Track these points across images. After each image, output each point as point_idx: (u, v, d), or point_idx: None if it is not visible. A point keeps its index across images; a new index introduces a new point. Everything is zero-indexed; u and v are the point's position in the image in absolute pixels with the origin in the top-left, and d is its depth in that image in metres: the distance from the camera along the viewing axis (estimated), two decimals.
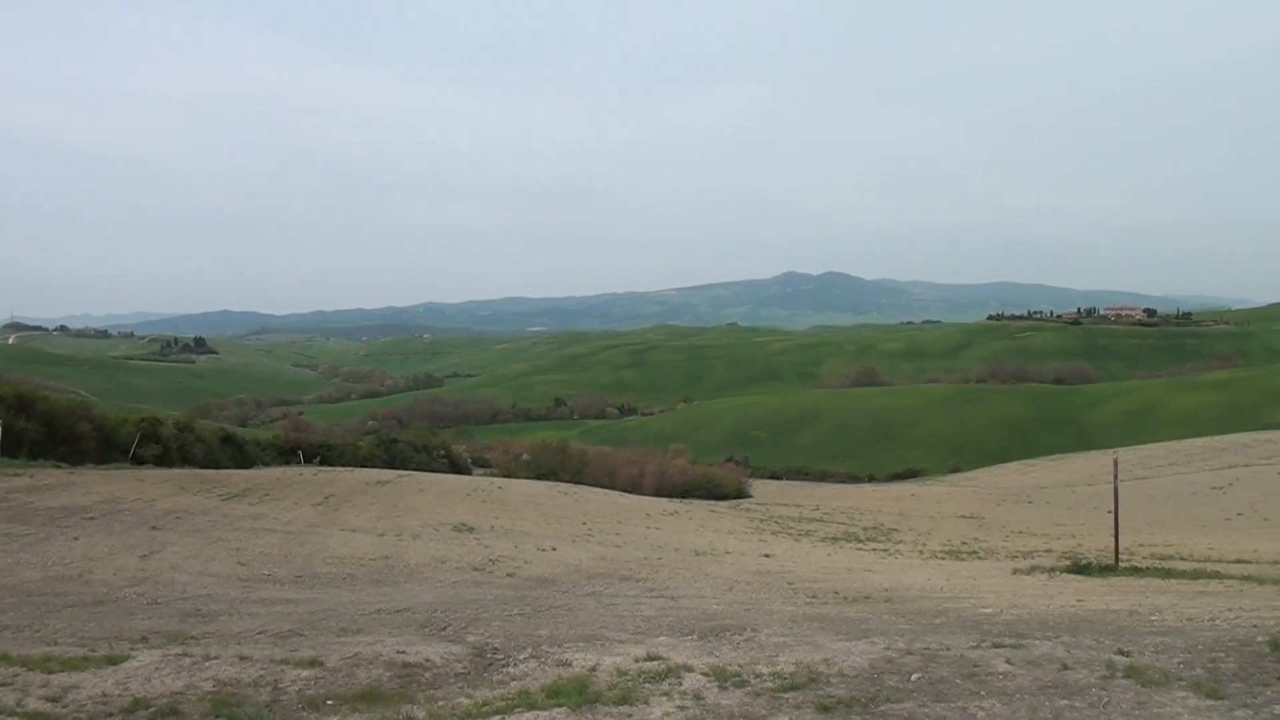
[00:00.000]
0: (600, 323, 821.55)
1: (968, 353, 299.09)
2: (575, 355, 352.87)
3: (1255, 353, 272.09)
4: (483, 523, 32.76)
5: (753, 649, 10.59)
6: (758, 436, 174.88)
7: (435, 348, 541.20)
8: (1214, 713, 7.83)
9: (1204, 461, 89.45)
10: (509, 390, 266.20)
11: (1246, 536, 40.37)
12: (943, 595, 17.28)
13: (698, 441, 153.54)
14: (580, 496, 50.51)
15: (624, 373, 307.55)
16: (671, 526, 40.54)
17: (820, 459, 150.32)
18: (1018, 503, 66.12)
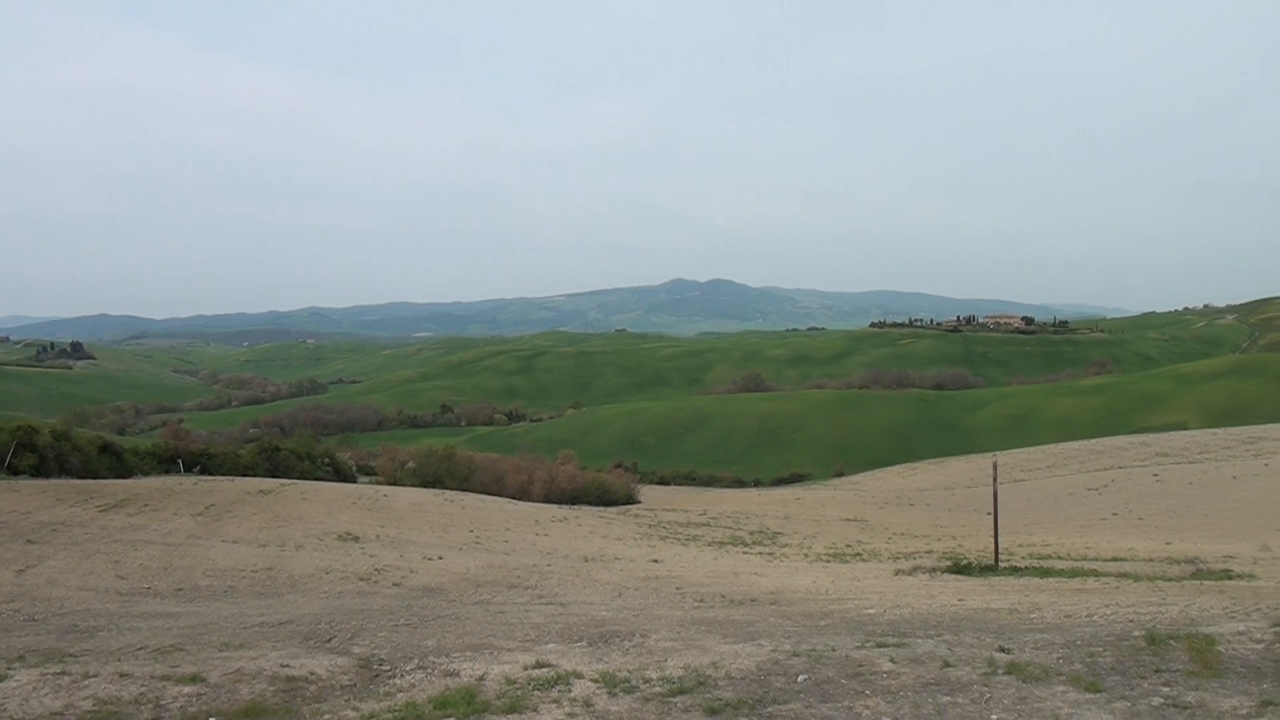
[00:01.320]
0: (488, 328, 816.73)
1: (851, 359, 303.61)
2: (463, 361, 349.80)
3: (1129, 359, 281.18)
4: (368, 532, 32.40)
5: (642, 654, 10.65)
6: (646, 442, 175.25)
7: (319, 353, 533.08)
8: (1092, 705, 8.09)
9: (1080, 464, 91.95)
10: (395, 397, 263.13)
11: (1122, 536, 41.62)
12: (828, 597, 17.53)
13: (587, 447, 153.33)
14: (468, 504, 50.16)
15: (512, 379, 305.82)
16: (560, 533, 40.48)
17: (708, 464, 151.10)
18: (900, 505, 67.24)
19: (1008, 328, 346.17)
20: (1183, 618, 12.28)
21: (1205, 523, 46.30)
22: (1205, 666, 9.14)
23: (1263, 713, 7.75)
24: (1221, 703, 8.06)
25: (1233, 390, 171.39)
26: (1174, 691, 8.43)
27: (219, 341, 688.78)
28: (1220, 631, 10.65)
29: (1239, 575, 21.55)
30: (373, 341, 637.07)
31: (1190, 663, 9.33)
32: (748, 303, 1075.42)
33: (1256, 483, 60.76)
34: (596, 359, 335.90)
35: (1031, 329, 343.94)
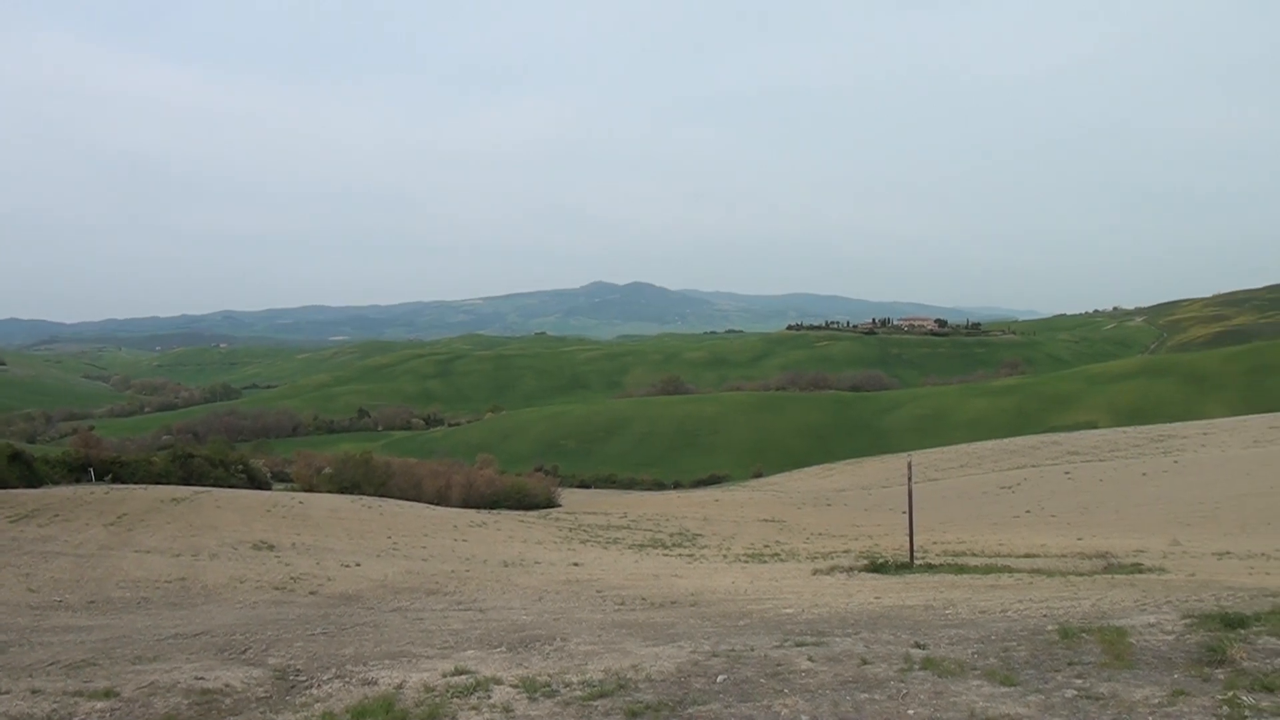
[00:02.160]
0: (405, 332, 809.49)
1: (768, 361, 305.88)
2: (379, 365, 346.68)
3: (1041, 360, 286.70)
4: (284, 540, 31.96)
5: (562, 658, 10.61)
6: (566, 445, 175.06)
7: (233, 358, 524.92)
8: (1007, 699, 8.19)
9: (994, 463, 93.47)
10: (310, 402, 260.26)
11: (1035, 532, 42.38)
12: (747, 597, 17.61)
13: (506, 451, 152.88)
14: (385, 510, 49.70)
15: (430, 383, 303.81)
16: (479, 538, 40.27)
17: (627, 467, 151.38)
18: (817, 506, 67.88)
19: (922, 330, 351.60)
20: (1095, 611, 12.50)
21: (1116, 519, 47.30)
22: (1117, 658, 9.30)
23: (1174, 702, 7.90)
24: (1134, 693, 8.20)
25: (1142, 390, 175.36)
26: (1087, 683, 8.56)
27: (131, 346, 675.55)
28: (1132, 624, 10.84)
29: (1149, 569, 22.02)
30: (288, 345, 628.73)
31: (1103, 655, 9.49)
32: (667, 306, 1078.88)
33: (1165, 479, 62.18)
34: (515, 362, 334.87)
35: (945, 331, 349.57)
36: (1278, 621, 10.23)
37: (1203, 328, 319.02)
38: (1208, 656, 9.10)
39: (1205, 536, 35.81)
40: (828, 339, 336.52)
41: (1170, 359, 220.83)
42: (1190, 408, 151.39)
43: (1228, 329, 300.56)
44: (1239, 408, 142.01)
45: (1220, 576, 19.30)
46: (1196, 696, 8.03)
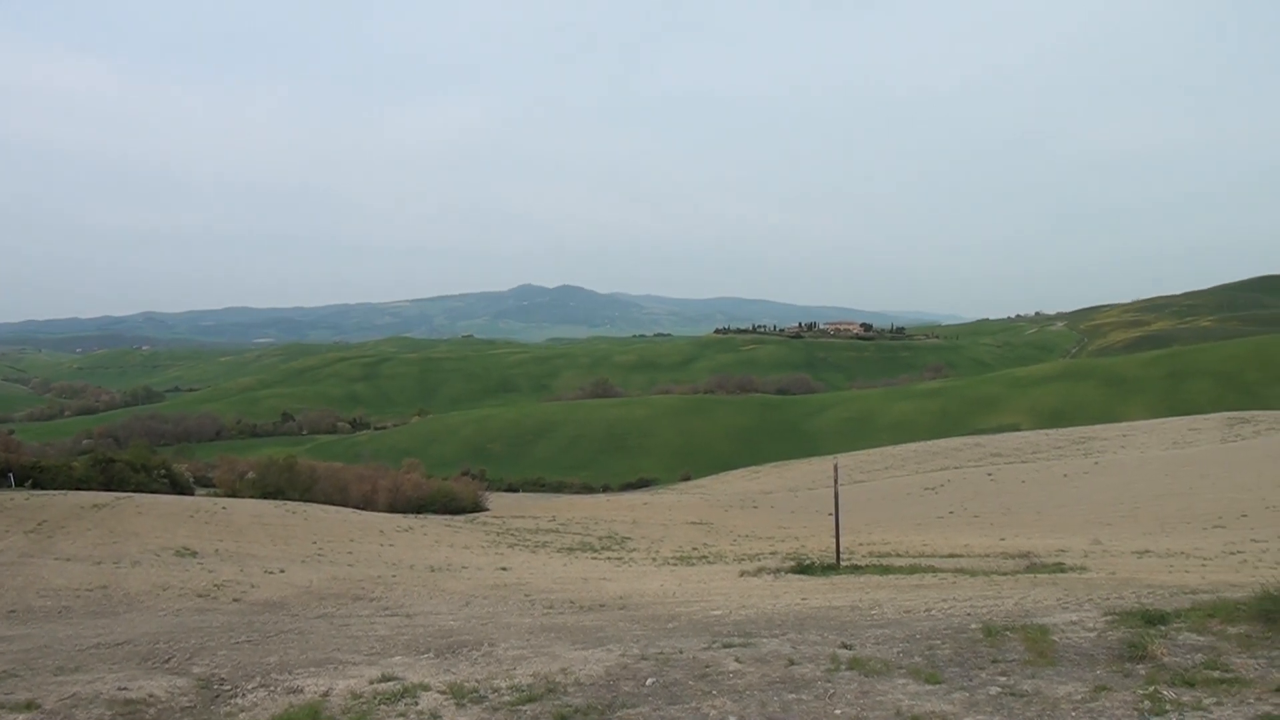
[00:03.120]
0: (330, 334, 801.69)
1: (697, 365, 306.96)
2: (304, 368, 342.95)
3: (964, 364, 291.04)
4: (207, 546, 31.47)
5: (490, 663, 10.53)
6: (494, 449, 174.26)
7: (155, 360, 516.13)
8: (932, 696, 8.28)
9: (918, 465, 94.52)
10: (234, 405, 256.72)
11: (958, 532, 42.88)
12: (675, 600, 17.62)
13: (433, 455, 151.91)
14: (310, 515, 49.07)
15: (356, 386, 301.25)
16: (406, 543, 39.93)
17: (556, 470, 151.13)
18: (745, 508, 68.15)
19: (847, 334, 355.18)
20: (1018, 610, 12.66)
21: (1038, 519, 48.00)
22: (1040, 655, 9.43)
23: (1097, 697, 8.03)
24: (1057, 689, 8.32)
25: (1063, 393, 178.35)
26: (1011, 680, 8.68)
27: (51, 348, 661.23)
28: (1054, 622, 10.99)
29: (1071, 568, 22.35)
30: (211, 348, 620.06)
31: (1026, 652, 9.61)
32: (596, 309, 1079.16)
33: (1086, 480, 63.25)
34: (443, 365, 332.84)
35: (870, 335, 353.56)
36: (1197, 618, 10.43)
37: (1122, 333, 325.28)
38: (1129, 653, 9.26)
39: (1125, 536, 36.46)
40: (755, 343, 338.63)
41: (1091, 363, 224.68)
42: (1110, 410, 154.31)
43: (1147, 334, 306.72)
44: (1158, 410, 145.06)
45: (1140, 575, 19.64)
46: (1118, 692, 8.17)
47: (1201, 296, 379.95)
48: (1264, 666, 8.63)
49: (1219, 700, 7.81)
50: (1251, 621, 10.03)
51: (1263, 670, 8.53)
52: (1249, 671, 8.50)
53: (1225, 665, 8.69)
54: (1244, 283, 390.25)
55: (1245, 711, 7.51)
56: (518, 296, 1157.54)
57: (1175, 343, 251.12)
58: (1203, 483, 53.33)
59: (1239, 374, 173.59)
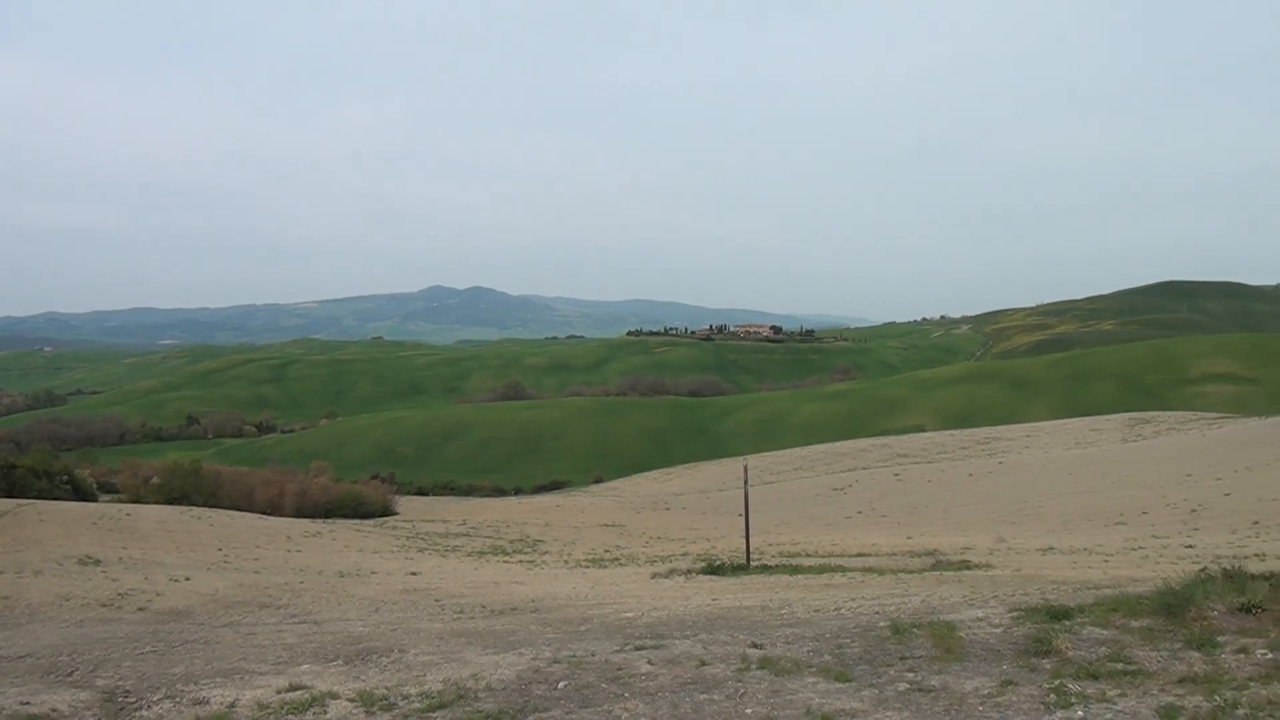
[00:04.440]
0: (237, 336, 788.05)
1: (609, 367, 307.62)
2: (210, 370, 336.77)
3: (871, 366, 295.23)
4: (110, 554, 30.79)
5: (400, 670, 10.42)
6: (404, 452, 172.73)
7: (57, 362, 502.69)
8: (842, 694, 8.35)
9: (826, 465, 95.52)
10: (138, 408, 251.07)
11: (866, 532, 43.42)
12: (587, 603, 17.60)
13: (342, 459, 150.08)
14: (216, 521, 48.26)
15: (263, 388, 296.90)
16: (314, 548, 39.45)
17: (467, 473, 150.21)
18: (656, 510, 68.32)
19: (757, 336, 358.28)
20: (925, 607, 12.83)
21: (944, 518, 48.77)
22: (947, 652, 9.56)
23: (1003, 692, 8.16)
24: (964, 684, 8.43)
25: (967, 395, 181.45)
26: (919, 677, 8.78)
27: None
28: (960, 618, 11.15)
29: (976, 565, 22.72)
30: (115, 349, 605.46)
31: (933, 649, 9.74)
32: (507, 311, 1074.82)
33: (990, 479, 64.41)
34: (351, 367, 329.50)
35: (780, 337, 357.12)
36: (1101, 613, 10.64)
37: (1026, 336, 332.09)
38: (1034, 648, 9.42)
39: (1030, 533, 37.20)
40: (667, 345, 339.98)
41: (995, 365, 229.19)
42: (1014, 411, 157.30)
43: (1049, 337, 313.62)
44: (1060, 411, 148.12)
45: (1044, 571, 20.02)
46: (1024, 686, 8.31)
47: (1103, 301, 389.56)
48: (1166, 658, 8.83)
49: (1123, 692, 7.97)
50: (1154, 615, 10.26)
51: (1165, 662, 8.73)
52: (1152, 663, 8.69)
53: (1128, 658, 8.88)
54: (1145, 288, 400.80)
55: (1149, 702, 7.68)
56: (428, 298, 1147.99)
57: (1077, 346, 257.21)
58: (1104, 481, 54.59)
59: (1139, 376, 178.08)
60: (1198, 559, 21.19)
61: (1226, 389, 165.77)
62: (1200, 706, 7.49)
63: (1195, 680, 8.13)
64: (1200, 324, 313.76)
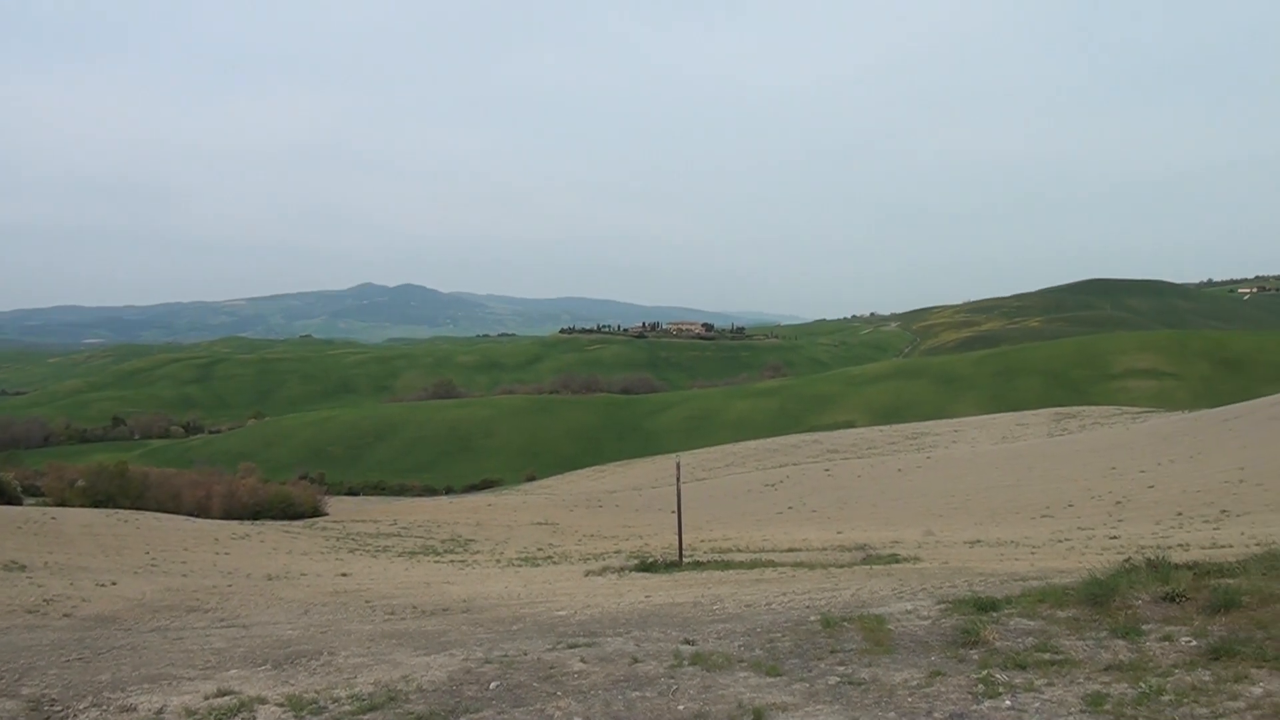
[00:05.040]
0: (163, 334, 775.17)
1: (541, 365, 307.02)
2: (136, 370, 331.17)
3: (801, 363, 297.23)
4: (35, 559, 30.15)
5: (330, 673, 10.31)
6: (333, 452, 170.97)
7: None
8: (773, 688, 8.40)
9: (758, 462, 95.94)
10: (62, 409, 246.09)
11: (797, 527, 43.68)
12: (520, 602, 17.53)
13: (270, 459, 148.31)
14: (143, 524, 47.49)
15: (189, 388, 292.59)
16: (242, 551, 38.97)
17: (397, 473, 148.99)
18: (589, 507, 68.30)
19: (689, 334, 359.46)
20: (855, 600, 12.95)
21: (873, 512, 49.19)
22: (877, 644, 9.65)
23: (932, 683, 8.25)
24: (893, 676, 8.52)
25: (896, 391, 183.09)
26: (849, 669, 8.86)
27: None
28: (890, 611, 11.26)
29: (905, 559, 22.95)
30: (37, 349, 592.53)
31: (863, 642, 9.82)
32: (438, 309, 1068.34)
33: (919, 474, 65.08)
34: (279, 366, 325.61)
35: (711, 335, 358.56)
36: (1028, 604, 10.80)
37: (953, 333, 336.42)
38: (962, 639, 9.53)
39: (957, 526, 37.64)
40: (599, 342, 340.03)
41: (923, 362, 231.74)
42: (942, 407, 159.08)
43: (977, 334, 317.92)
44: (987, 407, 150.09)
45: (972, 563, 20.27)
46: (953, 676, 8.41)
47: (1030, 299, 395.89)
48: (1092, 647, 8.98)
49: (1050, 681, 8.10)
50: (1080, 605, 10.42)
51: (1091, 651, 8.87)
52: (1078, 653, 8.84)
53: (1055, 647, 9.02)
54: (1071, 286, 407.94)
55: (1075, 691, 7.81)
56: (357, 296, 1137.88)
57: (1004, 342, 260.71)
58: (1030, 475, 55.37)
59: (1065, 372, 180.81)
60: (1122, 550, 21.55)
61: (1150, 384, 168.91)
62: (1126, 694, 7.62)
63: (1121, 668, 8.27)
64: (1124, 321, 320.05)
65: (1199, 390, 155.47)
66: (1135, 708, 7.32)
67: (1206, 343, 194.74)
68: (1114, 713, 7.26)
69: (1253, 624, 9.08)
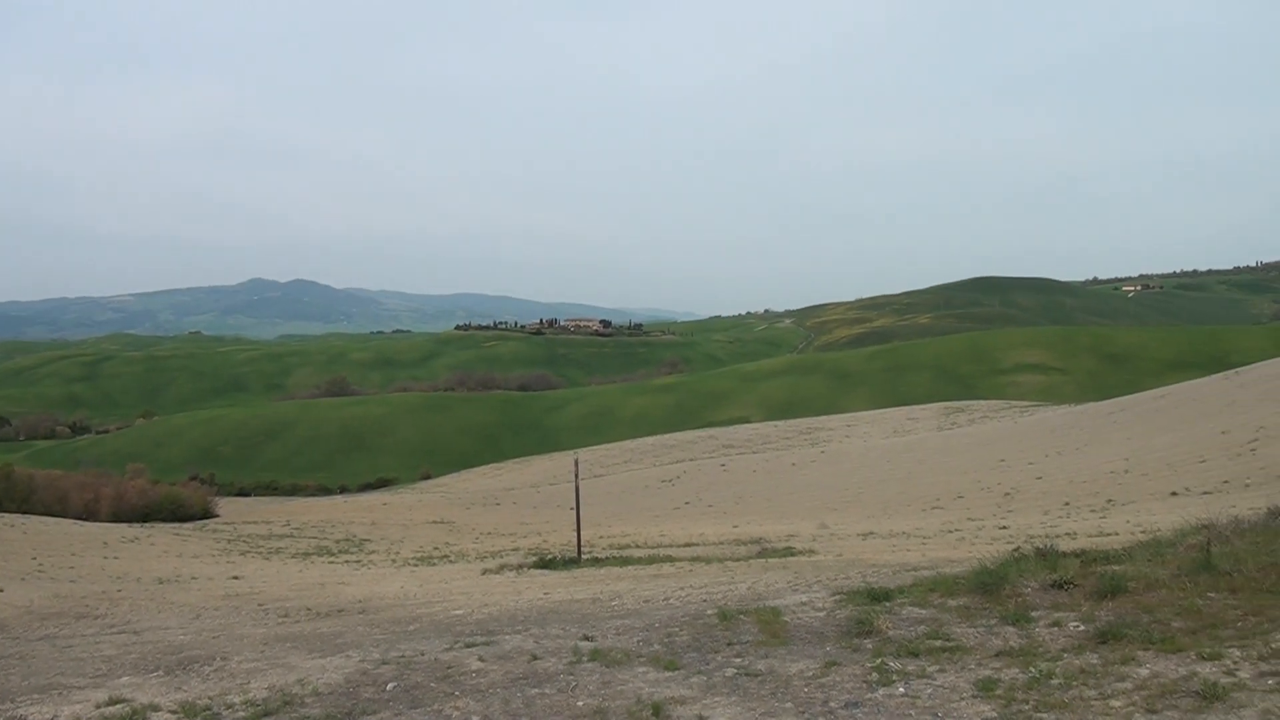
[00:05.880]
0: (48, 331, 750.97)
1: (437, 362, 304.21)
2: (19, 368, 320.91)
3: (698, 360, 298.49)
4: None
5: (223, 678, 10.15)
6: (224, 452, 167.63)
7: None
8: (672, 683, 8.47)
9: (655, 458, 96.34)
10: None
11: (694, 522, 43.99)
12: (416, 601, 17.40)
13: (160, 460, 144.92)
14: (29, 528, 46.12)
15: (76, 386, 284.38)
16: (132, 554, 38.09)
17: (290, 472, 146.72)
18: (487, 505, 67.98)
19: (587, 330, 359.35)
20: (751, 594, 13.09)
21: (769, 506, 49.72)
22: (773, 636, 9.78)
23: (827, 673, 8.39)
24: (790, 667, 8.64)
25: (791, 386, 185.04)
26: (746, 661, 8.97)
27: None
28: (785, 603, 11.42)
29: (800, 551, 23.26)
30: None
31: (760, 634, 9.95)
32: (331, 305, 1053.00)
33: (813, 468, 65.92)
34: (169, 364, 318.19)
35: (609, 332, 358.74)
36: (919, 593, 11.03)
37: (846, 329, 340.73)
38: (856, 629, 9.70)
39: (851, 519, 38.20)
40: (496, 339, 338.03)
41: (817, 358, 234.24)
42: (835, 402, 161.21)
43: (869, 330, 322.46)
44: (879, 401, 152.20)
45: (865, 555, 20.61)
46: (847, 666, 8.56)
47: (920, 296, 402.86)
48: (983, 634, 9.21)
49: (942, 668, 8.29)
50: (970, 594, 10.67)
51: (981, 637, 9.10)
52: (969, 639, 9.05)
53: (947, 635, 9.22)
54: (960, 283, 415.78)
55: (966, 676, 8.00)
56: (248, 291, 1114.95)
57: (896, 339, 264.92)
58: (921, 468, 56.43)
59: (954, 367, 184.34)
60: (1012, 539, 22.05)
61: (1037, 379, 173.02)
62: (1016, 678, 7.82)
63: (1011, 654, 8.50)
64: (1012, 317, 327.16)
65: (1085, 384, 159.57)
66: (1025, 692, 7.52)
67: (1092, 339, 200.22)
68: (1005, 697, 7.44)
69: (1139, 608, 9.38)
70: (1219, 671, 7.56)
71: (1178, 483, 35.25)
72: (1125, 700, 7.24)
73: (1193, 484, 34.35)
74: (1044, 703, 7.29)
